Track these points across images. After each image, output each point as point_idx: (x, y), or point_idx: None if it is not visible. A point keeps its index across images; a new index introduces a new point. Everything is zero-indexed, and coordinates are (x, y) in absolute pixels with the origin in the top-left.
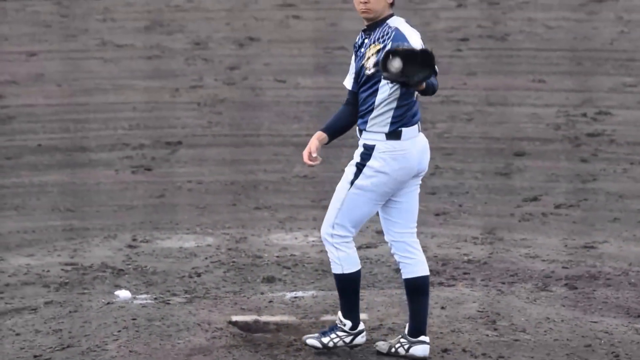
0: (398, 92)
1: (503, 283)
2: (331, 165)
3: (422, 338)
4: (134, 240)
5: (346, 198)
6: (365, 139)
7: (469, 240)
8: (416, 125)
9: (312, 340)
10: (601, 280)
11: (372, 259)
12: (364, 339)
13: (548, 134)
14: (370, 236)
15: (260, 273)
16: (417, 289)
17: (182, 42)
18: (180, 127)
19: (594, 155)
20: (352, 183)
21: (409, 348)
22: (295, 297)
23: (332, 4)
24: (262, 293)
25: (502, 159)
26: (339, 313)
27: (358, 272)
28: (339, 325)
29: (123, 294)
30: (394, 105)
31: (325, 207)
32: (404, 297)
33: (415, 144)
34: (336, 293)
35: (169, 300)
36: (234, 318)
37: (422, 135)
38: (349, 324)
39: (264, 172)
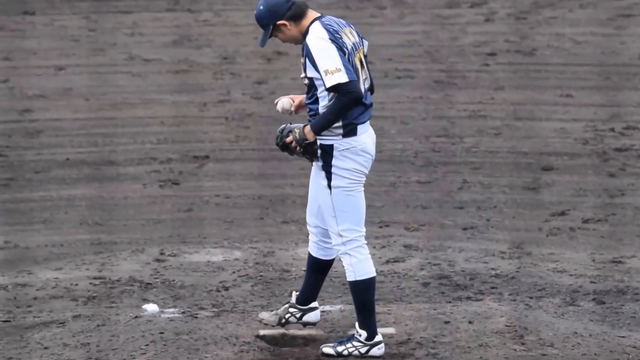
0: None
1: (531, 297)
2: None
3: (313, 305)
4: (162, 254)
5: (334, 203)
6: (321, 139)
7: (497, 255)
8: (368, 120)
9: (327, 349)
10: (629, 295)
11: (400, 273)
12: (381, 351)
13: (576, 148)
14: (398, 250)
15: (287, 287)
16: (325, 269)
17: (209, 57)
18: (208, 142)
19: (622, 170)
20: (330, 187)
21: (301, 316)
22: (323, 311)
23: (360, 18)
24: None
25: (530, 173)
26: (356, 323)
27: (372, 280)
28: (355, 336)
29: (151, 307)
30: None
31: None
32: (432, 311)
33: (369, 135)
34: None
35: (196, 314)
36: (262, 332)
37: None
38: (364, 334)
39: (292, 187)
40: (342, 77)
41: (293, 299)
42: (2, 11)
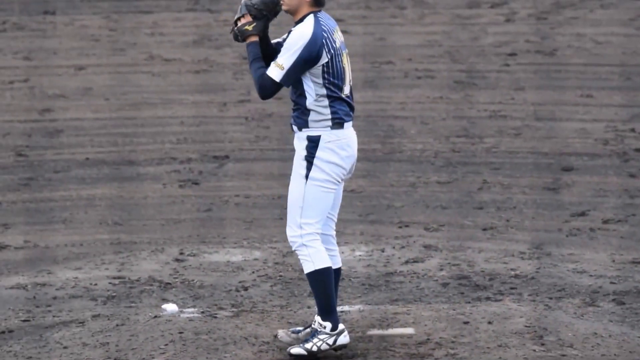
0: (324, 90)
1: (550, 298)
2: (378, 180)
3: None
4: (182, 254)
5: (306, 194)
6: (309, 131)
7: (517, 255)
8: (351, 121)
9: (296, 349)
10: None
11: (419, 273)
12: (347, 339)
13: (596, 149)
14: (417, 250)
15: (307, 287)
16: (336, 279)
17: (230, 57)
18: (228, 142)
19: None
20: (307, 177)
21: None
22: (342, 312)
23: (380, 18)
24: (308, 307)
25: (550, 173)
26: (318, 317)
27: (330, 269)
28: (319, 330)
29: (170, 307)
30: (326, 103)
31: (373, 222)
32: (451, 311)
33: (354, 135)
34: (383, 307)
35: (215, 314)
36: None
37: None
38: (328, 325)
39: None
40: (278, 75)
41: (315, 325)
42: (22, 11)
